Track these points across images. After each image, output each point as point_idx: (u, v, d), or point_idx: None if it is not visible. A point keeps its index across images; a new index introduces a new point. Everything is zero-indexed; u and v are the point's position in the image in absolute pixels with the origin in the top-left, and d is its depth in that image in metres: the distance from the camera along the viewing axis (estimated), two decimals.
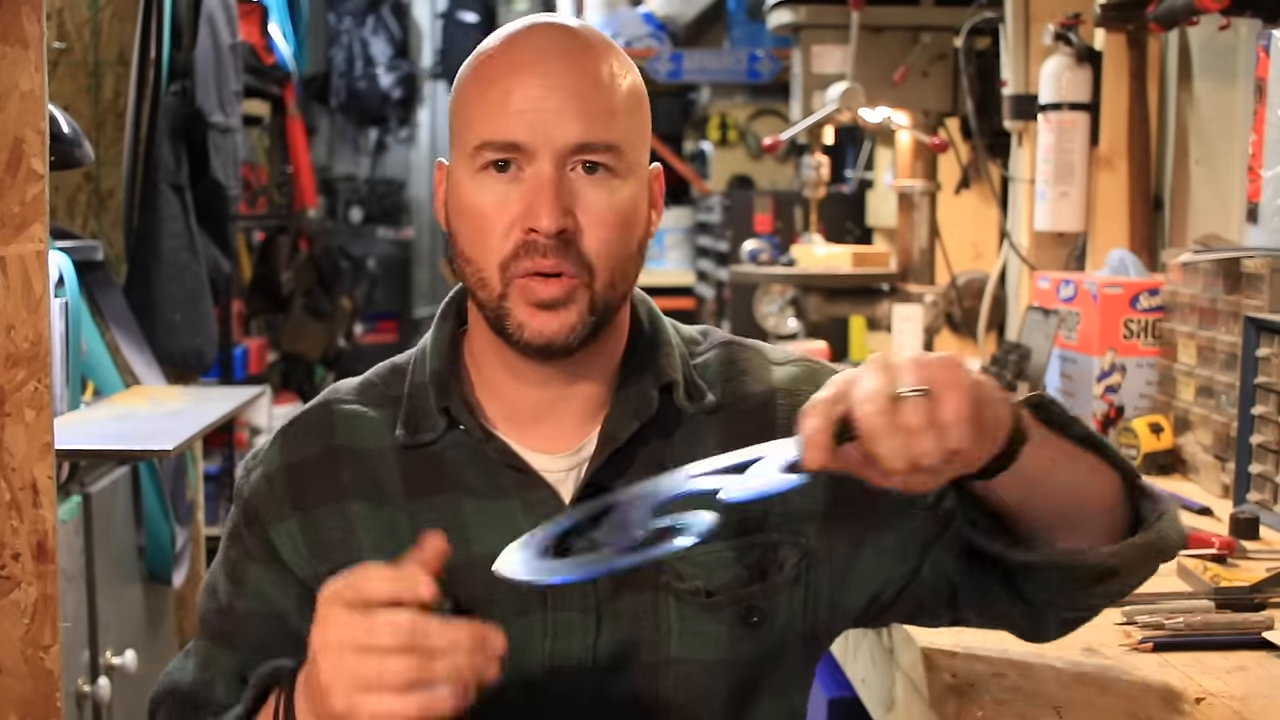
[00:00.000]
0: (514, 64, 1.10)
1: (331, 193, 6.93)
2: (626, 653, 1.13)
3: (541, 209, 1.07)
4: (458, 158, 1.13)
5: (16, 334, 1.39)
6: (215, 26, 3.02)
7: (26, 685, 1.41)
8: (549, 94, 1.08)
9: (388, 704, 0.90)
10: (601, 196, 1.10)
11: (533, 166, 1.08)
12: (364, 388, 1.21)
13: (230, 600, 1.17)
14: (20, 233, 1.39)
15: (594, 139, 1.09)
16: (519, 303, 1.09)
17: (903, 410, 0.93)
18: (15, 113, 1.38)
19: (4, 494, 1.39)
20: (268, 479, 1.17)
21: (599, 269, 1.10)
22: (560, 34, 1.13)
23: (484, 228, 1.10)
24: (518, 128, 1.08)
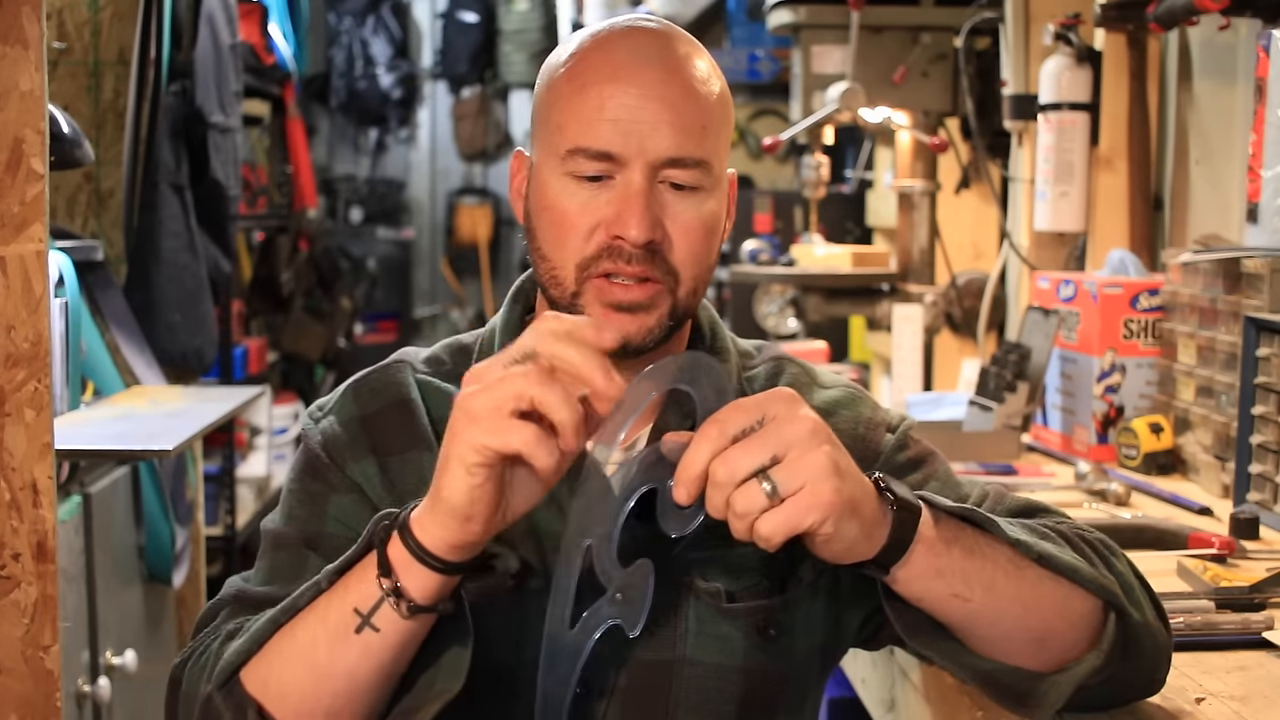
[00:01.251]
0: (611, 67, 1.10)
1: (331, 193, 6.93)
2: (647, 649, 1.13)
3: (631, 219, 1.07)
4: (544, 155, 1.13)
5: (16, 334, 1.39)
6: (215, 26, 3.02)
7: (26, 685, 1.41)
8: (646, 103, 1.08)
9: (505, 423, 0.91)
10: (689, 209, 1.10)
11: (623, 175, 1.09)
12: (432, 361, 1.22)
13: (309, 526, 1.15)
14: (20, 233, 1.39)
15: (686, 154, 1.09)
16: (593, 302, 1.10)
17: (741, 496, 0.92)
18: (15, 113, 1.38)
19: (4, 494, 1.39)
20: (343, 424, 1.17)
21: (684, 277, 1.11)
22: (655, 40, 1.12)
23: (567, 228, 1.10)
24: (612, 137, 1.08)
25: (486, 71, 6.96)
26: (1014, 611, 1.04)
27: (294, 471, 1.20)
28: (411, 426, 1.16)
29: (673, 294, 1.11)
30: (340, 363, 5.44)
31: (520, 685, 1.12)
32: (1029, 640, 1.05)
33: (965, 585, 1.02)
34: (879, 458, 1.19)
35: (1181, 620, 1.29)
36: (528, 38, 6.83)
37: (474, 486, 0.94)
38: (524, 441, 0.91)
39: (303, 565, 1.13)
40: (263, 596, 1.13)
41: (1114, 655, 1.07)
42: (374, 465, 1.15)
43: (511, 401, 0.91)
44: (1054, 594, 1.05)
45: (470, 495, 0.94)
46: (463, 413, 0.93)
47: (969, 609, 1.03)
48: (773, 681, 1.16)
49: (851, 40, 2.84)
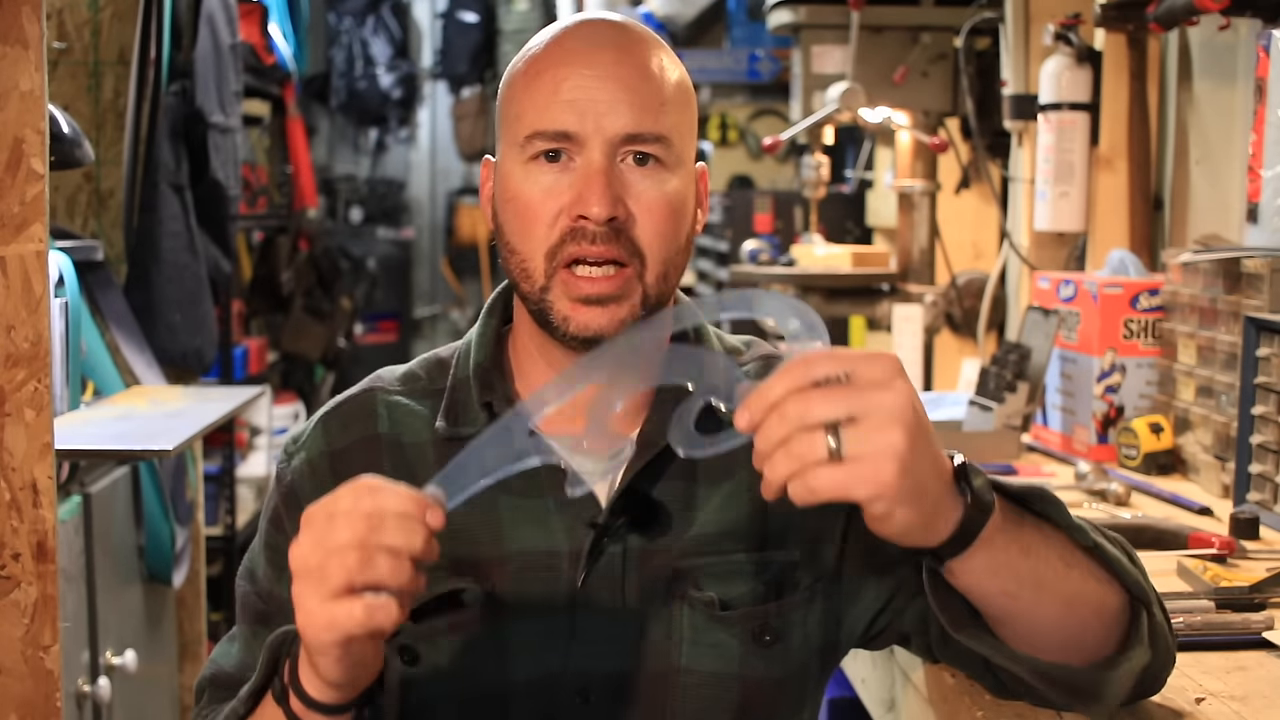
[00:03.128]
0: (564, 55, 1.11)
1: (331, 193, 6.93)
2: (642, 658, 1.13)
3: (592, 196, 1.07)
4: (506, 149, 1.13)
5: (16, 334, 1.39)
6: (215, 26, 3.02)
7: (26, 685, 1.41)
8: (600, 84, 1.09)
9: (332, 612, 0.90)
10: (651, 186, 1.10)
11: (583, 155, 1.09)
12: (407, 378, 1.22)
13: (270, 586, 1.18)
14: (20, 233, 1.39)
15: (644, 129, 1.09)
16: (561, 296, 1.09)
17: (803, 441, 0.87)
18: (15, 113, 1.38)
19: (4, 494, 1.39)
20: (310, 464, 1.18)
21: (651, 258, 1.10)
22: (609, 27, 1.14)
23: (531, 216, 1.10)
24: (568, 116, 1.08)
25: (486, 71, 6.96)
26: (1055, 612, 1.03)
27: (266, 511, 1.22)
28: (378, 465, 1.16)
29: (641, 279, 1.10)
30: (340, 363, 5.44)
31: (511, 705, 1.12)
32: (1061, 640, 1.05)
33: (1016, 584, 1.00)
34: None
35: (1181, 620, 1.29)
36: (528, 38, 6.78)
37: (343, 659, 0.94)
38: (359, 624, 0.90)
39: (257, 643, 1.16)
40: (234, 677, 1.17)
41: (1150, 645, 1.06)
42: None
43: (339, 588, 0.90)
44: (1094, 592, 1.04)
45: (347, 670, 0.95)
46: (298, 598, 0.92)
47: (1014, 607, 1.02)
48: (770, 688, 1.16)
49: (851, 40, 2.84)
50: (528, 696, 1.12)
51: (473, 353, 1.19)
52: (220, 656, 1.21)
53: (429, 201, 7.27)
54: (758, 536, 1.15)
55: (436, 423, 1.16)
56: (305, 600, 0.91)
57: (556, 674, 1.12)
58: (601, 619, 1.12)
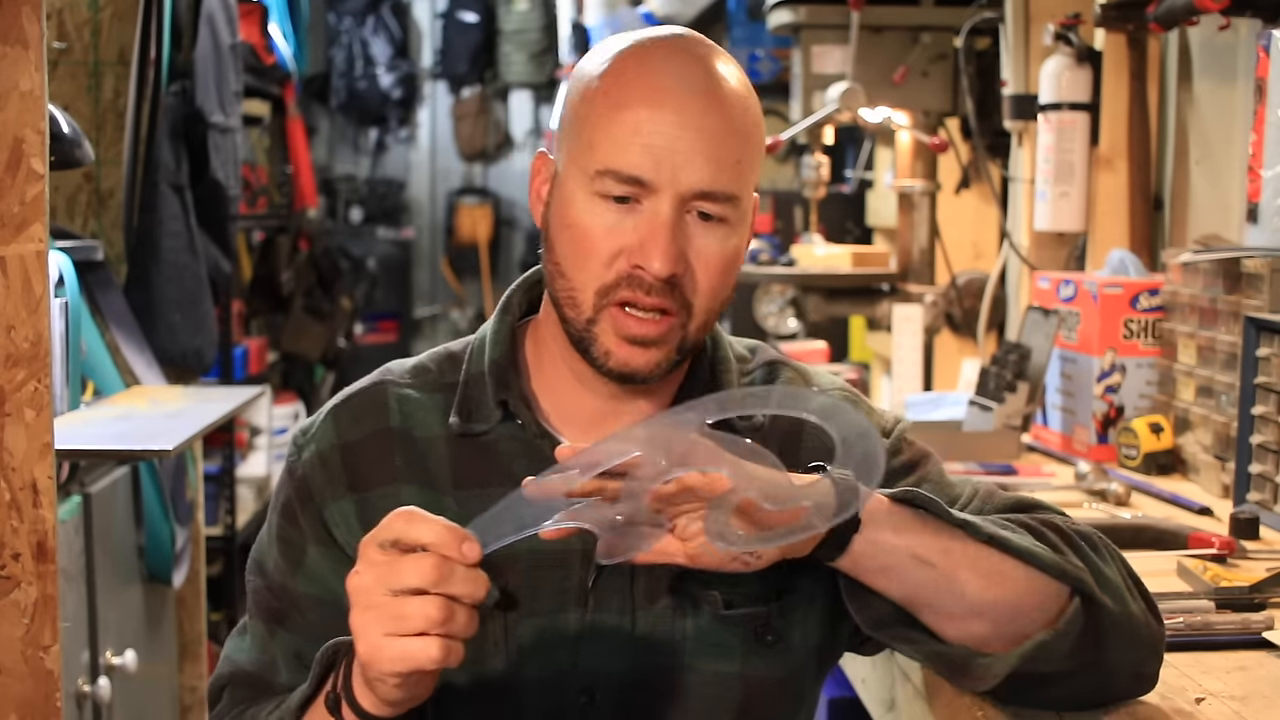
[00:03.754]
0: (652, 94, 1.07)
1: (331, 193, 6.93)
2: (649, 656, 1.13)
3: (655, 251, 1.06)
4: (572, 169, 1.10)
5: (16, 334, 1.39)
6: (215, 26, 3.02)
7: (26, 685, 1.41)
8: (682, 133, 1.06)
9: (405, 648, 0.92)
10: (713, 243, 1.09)
11: (651, 203, 1.07)
12: (417, 371, 1.21)
13: (284, 580, 1.17)
14: (20, 233, 1.39)
15: (718, 188, 1.07)
16: (608, 330, 1.09)
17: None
18: (15, 113, 1.37)
19: (4, 494, 1.39)
20: (321, 456, 1.17)
21: (698, 310, 1.10)
22: (701, 67, 1.09)
23: (589, 250, 1.08)
24: (645, 162, 1.06)
25: (486, 71, 6.96)
26: (976, 581, 1.04)
27: (276, 502, 1.21)
28: (390, 459, 1.16)
29: (684, 328, 1.10)
30: (340, 363, 5.44)
31: (519, 702, 1.12)
32: (994, 617, 1.05)
33: (924, 547, 1.03)
34: None
35: (1181, 620, 1.29)
36: (528, 38, 6.83)
37: (403, 685, 0.96)
38: (434, 661, 0.92)
39: (284, 637, 1.17)
40: (255, 676, 1.18)
41: (1081, 641, 1.06)
42: (351, 503, 1.16)
43: (415, 631, 0.92)
44: (1015, 572, 1.06)
45: (405, 693, 0.97)
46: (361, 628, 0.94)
47: (932, 576, 1.03)
48: (771, 687, 1.16)
49: (851, 40, 2.84)
50: (536, 694, 1.13)
51: (488, 349, 1.18)
52: (236, 653, 1.21)
53: (429, 201, 7.27)
54: None
55: (450, 419, 1.16)
56: (371, 633, 0.93)
57: (565, 672, 1.12)
58: (610, 618, 1.13)
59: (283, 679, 1.17)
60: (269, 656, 1.18)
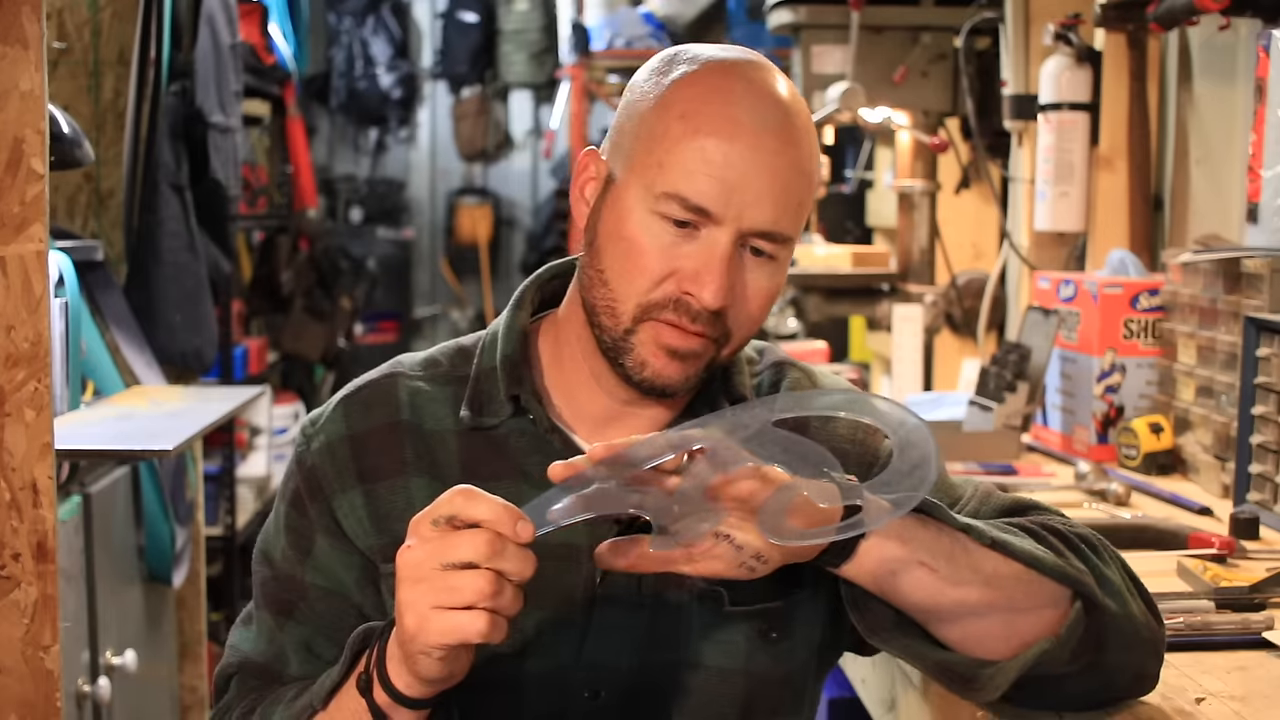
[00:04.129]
0: (728, 127, 1.07)
1: (331, 193, 6.93)
2: (654, 652, 1.13)
3: (710, 283, 1.07)
4: (633, 183, 1.10)
5: (16, 334, 1.39)
6: (215, 26, 3.02)
7: (26, 685, 1.41)
8: (754, 170, 1.06)
9: (454, 620, 0.92)
10: (762, 279, 1.10)
11: (710, 232, 1.07)
12: (428, 364, 1.21)
13: (292, 570, 1.17)
14: (20, 233, 1.39)
15: (779, 230, 1.08)
16: (647, 341, 1.09)
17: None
18: (15, 113, 1.37)
19: (4, 494, 1.39)
20: (330, 448, 1.17)
21: (735, 339, 1.12)
22: (779, 108, 1.09)
23: (640, 265, 1.09)
24: (713, 193, 1.06)
25: (486, 71, 6.96)
26: (979, 587, 1.04)
27: (285, 491, 1.21)
28: (400, 451, 1.16)
29: (718, 350, 1.12)
30: (340, 363, 5.44)
31: (523, 697, 1.12)
32: (997, 622, 1.05)
33: (930, 554, 1.03)
34: (877, 461, 1.20)
35: (1181, 620, 1.29)
36: (528, 38, 6.83)
37: (446, 659, 0.96)
38: (481, 635, 0.93)
39: (292, 627, 1.17)
40: (263, 667, 1.17)
41: (1082, 644, 1.06)
42: (360, 495, 1.16)
43: (465, 603, 0.93)
44: (1018, 575, 1.05)
45: (446, 669, 0.98)
46: (410, 602, 0.94)
47: (935, 582, 1.03)
48: (774, 684, 1.16)
49: (851, 40, 2.84)
50: (540, 689, 1.13)
51: (500, 344, 1.18)
52: (242, 643, 1.20)
53: (429, 201, 7.27)
54: None
55: (461, 412, 1.16)
56: (420, 605, 0.93)
57: (569, 667, 1.13)
58: (617, 613, 1.13)
59: (293, 670, 1.17)
60: (277, 647, 1.18)
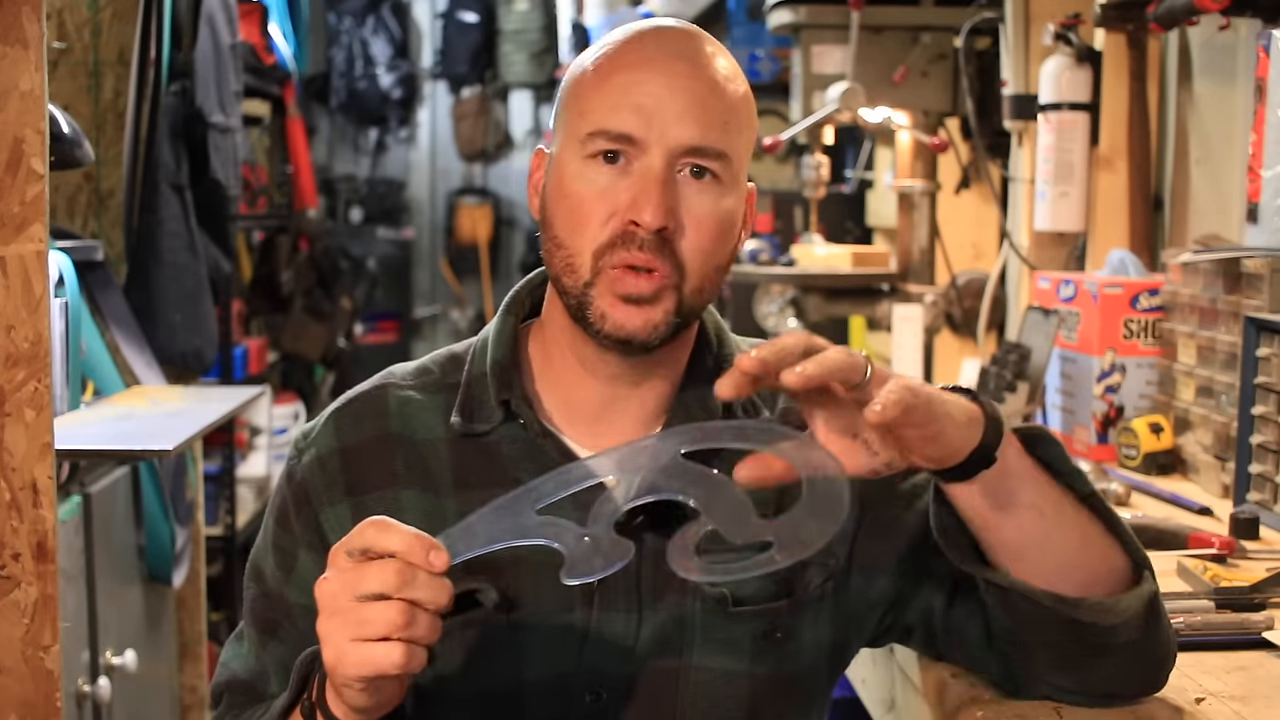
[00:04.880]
0: (639, 60, 1.11)
1: (331, 193, 6.93)
2: (656, 655, 1.13)
3: (646, 203, 1.07)
4: (565, 143, 1.13)
5: (16, 334, 1.39)
6: (215, 26, 3.02)
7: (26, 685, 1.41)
8: (671, 93, 1.09)
9: (369, 653, 0.93)
10: (705, 202, 1.10)
11: (642, 160, 1.09)
12: (420, 373, 1.22)
13: (279, 589, 1.18)
14: (20, 233, 1.39)
15: (708, 144, 1.09)
16: (605, 292, 1.09)
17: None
18: (15, 113, 1.37)
19: (4, 494, 1.39)
20: (321, 461, 1.18)
21: (690, 271, 1.10)
22: (688, 38, 1.14)
23: (584, 214, 1.10)
24: (635, 120, 1.08)
25: (486, 71, 6.97)
26: (1073, 542, 1.07)
27: (272, 509, 1.21)
28: (390, 463, 1.16)
29: (678, 289, 1.10)
30: (340, 363, 5.44)
31: (526, 701, 1.12)
32: (1076, 580, 1.07)
33: (1043, 498, 1.05)
34: None
35: (1181, 620, 1.29)
36: (528, 38, 6.84)
37: (369, 691, 0.96)
38: (397, 666, 0.93)
39: (275, 646, 1.18)
40: (248, 684, 1.19)
41: (1148, 616, 1.08)
42: (348, 508, 1.16)
43: (378, 636, 0.93)
44: (1100, 540, 1.08)
45: (371, 699, 0.97)
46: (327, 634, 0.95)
47: (1040, 527, 1.05)
48: (780, 686, 1.16)
49: (851, 40, 2.84)
50: (541, 695, 1.12)
51: (490, 349, 1.18)
52: (231, 659, 1.21)
53: (429, 201, 7.27)
54: None
55: (451, 418, 1.16)
56: (336, 638, 0.94)
57: (570, 672, 1.12)
58: (616, 617, 1.13)
59: (273, 689, 1.17)
60: (261, 665, 1.18)
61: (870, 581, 1.19)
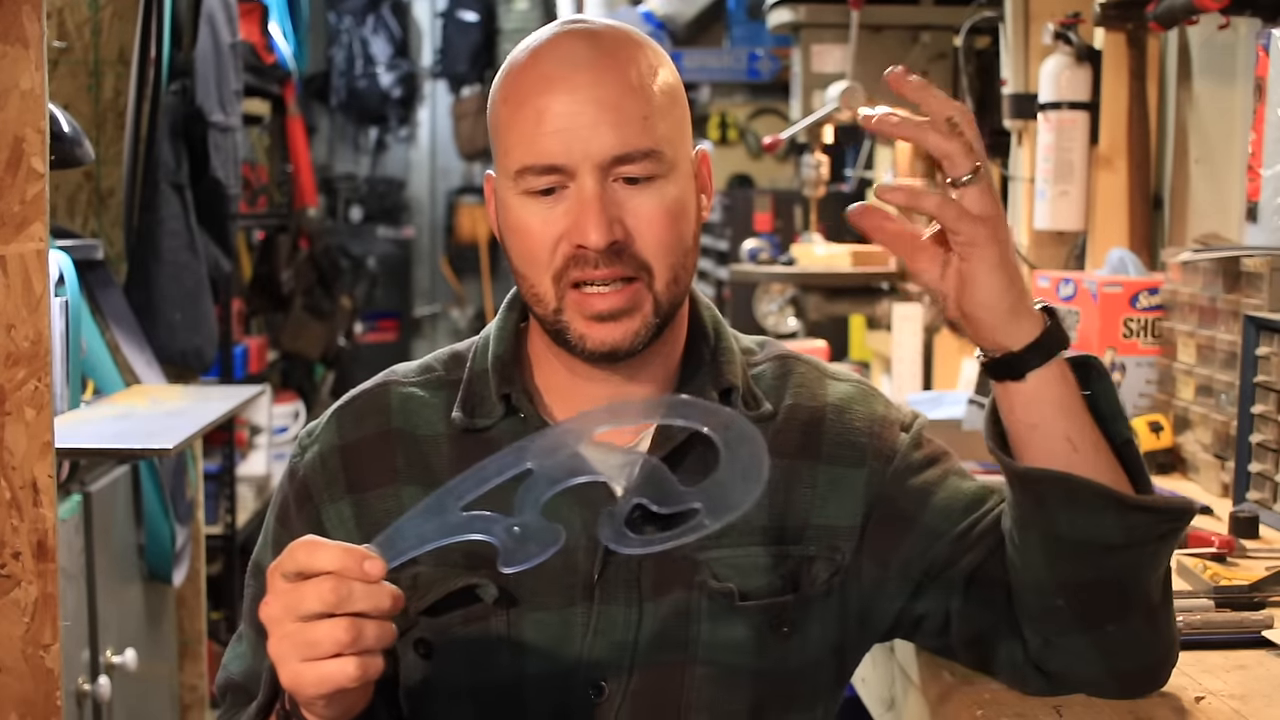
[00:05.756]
0: (541, 80, 1.10)
1: (331, 192, 6.93)
2: (659, 650, 1.13)
3: (589, 225, 1.07)
4: (502, 178, 1.13)
5: (16, 333, 1.39)
6: (215, 26, 3.02)
7: (27, 684, 1.41)
8: (580, 108, 1.08)
9: (323, 671, 0.93)
10: (647, 201, 1.10)
11: (575, 183, 1.08)
12: (423, 370, 1.22)
13: None
14: (20, 232, 1.39)
15: (631, 148, 1.09)
16: (575, 315, 1.10)
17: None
18: (15, 112, 1.38)
19: (4, 493, 1.39)
20: (322, 459, 1.18)
21: (658, 268, 1.10)
22: (583, 42, 1.11)
23: (533, 244, 1.10)
24: (554, 148, 1.08)
25: (486, 71, 6.96)
26: (1109, 479, 1.06)
27: (274, 506, 1.22)
28: (391, 459, 1.17)
29: (650, 289, 1.10)
30: (340, 362, 5.45)
31: (526, 696, 1.13)
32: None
33: (1080, 433, 1.06)
34: (895, 455, 1.19)
35: (1181, 619, 1.29)
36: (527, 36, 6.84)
37: (333, 703, 0.97)
38: (352, 679, 0.93)
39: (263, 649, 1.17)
40: (243, 686, 1.20)
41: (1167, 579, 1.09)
42: (349, 505, 1.16)
43: (329, 654, 0.93)
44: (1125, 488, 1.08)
45: (336, 710, 0.98)
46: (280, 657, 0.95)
47: (1072, 461, 1.05)
48: (785, 681, 1.16)
49: (851, 39, 2.84)
50: (541, 690, 1.13)
51: (491, 345, 1.19)
52: (230, 661, 1.23)
53: (429, 200, 7.27)
54: (774, 531, 1.15)
55: (453, 414, 1.17)
56: (288, 661, 0.94)
57: (571, 667, 1.12)
58: (617, 611, 1.13)
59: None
60: (258, 665, 1.19)
61: (880, 577, 1.18)
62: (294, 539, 1.16)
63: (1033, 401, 1.05)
